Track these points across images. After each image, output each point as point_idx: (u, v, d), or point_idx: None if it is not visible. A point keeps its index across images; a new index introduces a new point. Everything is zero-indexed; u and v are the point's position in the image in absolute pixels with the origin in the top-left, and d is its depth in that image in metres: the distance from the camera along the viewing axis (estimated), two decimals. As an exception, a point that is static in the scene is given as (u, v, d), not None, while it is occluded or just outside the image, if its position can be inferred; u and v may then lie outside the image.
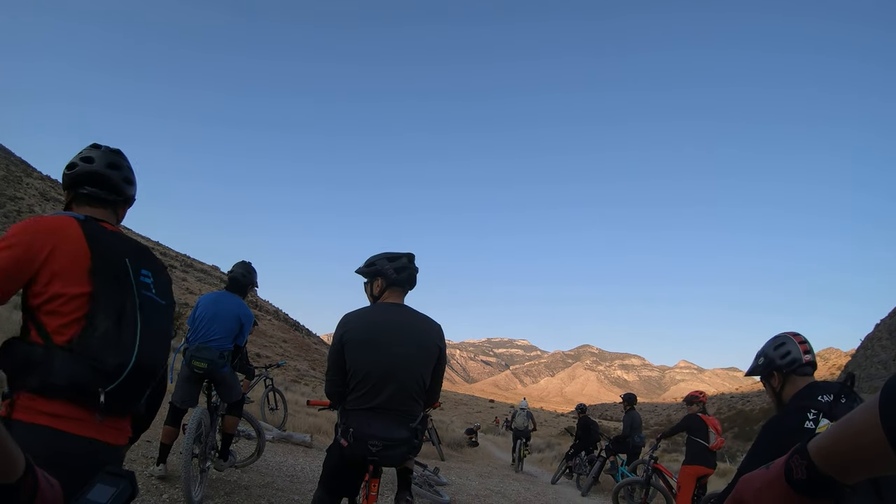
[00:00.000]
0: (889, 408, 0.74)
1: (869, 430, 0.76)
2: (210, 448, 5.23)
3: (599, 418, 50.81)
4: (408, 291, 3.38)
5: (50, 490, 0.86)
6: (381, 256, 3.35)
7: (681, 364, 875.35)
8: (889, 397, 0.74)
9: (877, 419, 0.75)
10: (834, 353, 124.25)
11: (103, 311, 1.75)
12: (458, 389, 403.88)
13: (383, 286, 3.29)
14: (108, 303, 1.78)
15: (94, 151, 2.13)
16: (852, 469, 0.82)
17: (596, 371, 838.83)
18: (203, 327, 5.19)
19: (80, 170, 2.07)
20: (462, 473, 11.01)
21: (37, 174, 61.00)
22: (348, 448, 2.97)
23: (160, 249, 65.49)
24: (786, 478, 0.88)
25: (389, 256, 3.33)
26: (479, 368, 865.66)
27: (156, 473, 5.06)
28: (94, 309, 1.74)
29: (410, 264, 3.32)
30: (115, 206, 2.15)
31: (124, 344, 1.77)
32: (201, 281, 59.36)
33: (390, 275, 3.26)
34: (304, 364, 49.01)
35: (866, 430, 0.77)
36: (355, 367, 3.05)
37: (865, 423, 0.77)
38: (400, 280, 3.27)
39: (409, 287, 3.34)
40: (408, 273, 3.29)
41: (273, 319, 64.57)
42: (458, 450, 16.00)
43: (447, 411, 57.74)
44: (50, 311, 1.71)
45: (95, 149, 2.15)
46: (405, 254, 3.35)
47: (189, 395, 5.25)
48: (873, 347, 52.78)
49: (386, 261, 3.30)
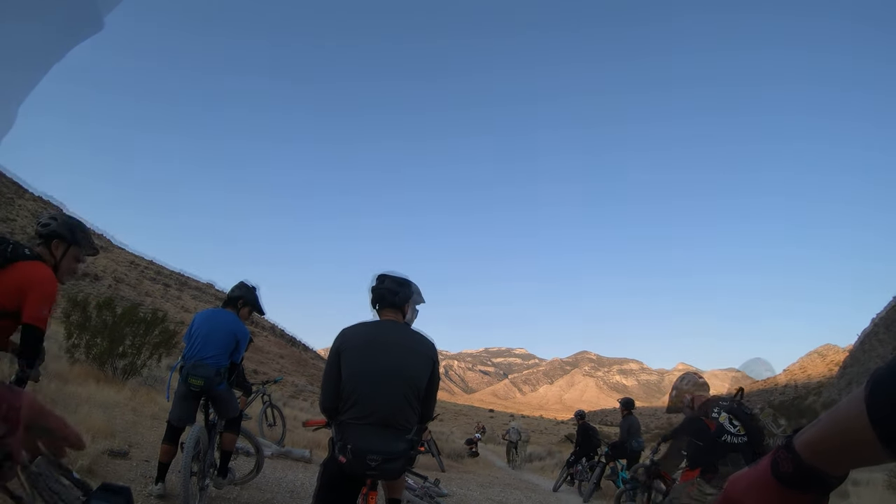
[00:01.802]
0: (875, 399, 0.75)
1: (855, 422, 0.77)
2: (209, 465, 5.20)
3: (599, 424, 50.73)
4: (397, 307, 3.47)
5: (15, 396, 0.86)
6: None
7: (679, 367, 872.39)
8: (875, 389, 0.75)
9: (863, 411, 0.75)
10: (832, 349, 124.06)
11: None
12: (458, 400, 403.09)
13: (375, 306, 3.50)
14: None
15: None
16: (839, 461, 0.82)
17: (594, 377, 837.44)
18: (198, 344, 5.17)
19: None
20: (463, 484, 10.97)
21: (29, 195, 60.74)
22: (347, 464, 2.97)
23: (154, 268, 65.19)
24: (772, 472, 0.88)
25: (377, 278, 3.56)
26: (478, 378, 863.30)
27: (154, 492, 5.00)
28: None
29: (381, 284, 3.47)
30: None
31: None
32: (196, 299, 59.08)
33: (370, 296, 3.49)
34: (302, 379, 48.74)
35: (853, 421, 0.77)
36: (351, 377, 3.09)
37: (852, 415, 0.78)
38: (374, 300, 3.47)
39: (389, 305, 3.45)
40: (378, 293, 3.45)
41: (270, 335, 64.21)
42: (458, 460, 15.97)
43: (447, 422, 57.48)
44: None
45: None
46: (378, 275, 3.55)
47: (186, 413, 5.22)
48: (871, 343, 53.05)
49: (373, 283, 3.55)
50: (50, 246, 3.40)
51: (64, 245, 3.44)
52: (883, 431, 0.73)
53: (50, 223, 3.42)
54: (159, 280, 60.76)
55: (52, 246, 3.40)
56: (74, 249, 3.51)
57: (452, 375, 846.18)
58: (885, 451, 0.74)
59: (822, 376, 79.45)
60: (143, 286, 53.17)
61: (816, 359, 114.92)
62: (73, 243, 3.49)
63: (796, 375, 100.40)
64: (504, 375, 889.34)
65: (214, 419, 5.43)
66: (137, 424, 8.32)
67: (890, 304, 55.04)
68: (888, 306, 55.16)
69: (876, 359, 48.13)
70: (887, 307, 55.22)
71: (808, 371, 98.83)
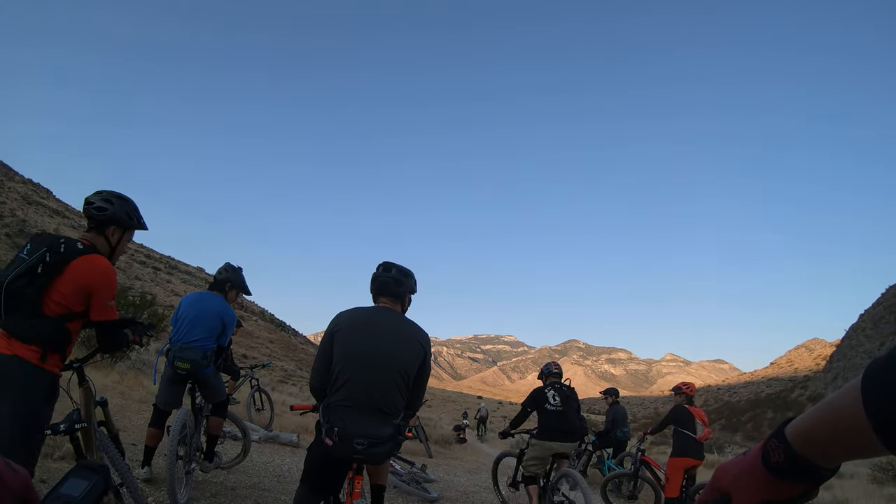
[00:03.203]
0: (871, 391, 0.73)
1: (850, 414, 0.75)
2: (195, 449, 5.19)
3: (587, 412, 51.06)
4: (399, 299, 3.51)
5: (14, 476, 0.85)
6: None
7: (667, 357, 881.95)
8: (871, 381, 0.73)
9: (859, 403, 0.74)
10: (819, 343, 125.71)
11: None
12: (446, 386, 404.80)
13: (375, 293, 3.52)
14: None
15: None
16: (832, 452, 0.81)
17: (583, 366, 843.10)
18: (185, 328, 5.15)
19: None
20: (450, 470, 11.04)
21: (19, 178, 60.23)
22: (333, 447, 2.97)
23: (144, 252, 64.91)
24: (763, 462, 0.87)
25: (382, 266, 3.57)
26: (467, 365, 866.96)
27: (140, 476, 4.97)
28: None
29: (387, 273, 3.49)
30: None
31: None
32: (186, 283, 58.93)
33: (373, 283, 3.51)
34: (291, 364, 48.81)
35: (847, 413, 0.76)
36: (341, 359, 3.11)
37: (846, 407, 0.76)
38: (376, 288, 3.49)
39: (388, 295, 3.47)
40: (382, 281, 3.47)
41: (259, 320, 64.25)
42: (445, 446, 16.01)
43: (435, 408, 57.83)
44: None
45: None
46: (384, 263, 3.57)
47: (173, 397, 5.20)
48: (858, 338, 53.50)
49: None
50: (105, 232, 3.19)
51: (120, 231, 3.25)
52: (877, 420, 0.71)
53: (107, 208, 3.17)
54: (149, 264, 60.52)
55: (109, 232, 3.20)
56: (129, 233, 3.34)
57: (441, 362, 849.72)
58: (878, 441, 0.72)
59: (808, 370, 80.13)
60: (132, 270, 52.96)
61: (804, 352, 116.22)
62: (128, 227, 3.31)
63: (783, 368, 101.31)
64: (493, 362, 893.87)
65: (201, 403, 5.42)
66: (125, 408, 8.30)
67: (878, 299, 55.53)
68: (876, 301, 55.65)
69: (863, 354, 48.58)
70: (875, 302, 55.71)
71: (795, 364, 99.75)
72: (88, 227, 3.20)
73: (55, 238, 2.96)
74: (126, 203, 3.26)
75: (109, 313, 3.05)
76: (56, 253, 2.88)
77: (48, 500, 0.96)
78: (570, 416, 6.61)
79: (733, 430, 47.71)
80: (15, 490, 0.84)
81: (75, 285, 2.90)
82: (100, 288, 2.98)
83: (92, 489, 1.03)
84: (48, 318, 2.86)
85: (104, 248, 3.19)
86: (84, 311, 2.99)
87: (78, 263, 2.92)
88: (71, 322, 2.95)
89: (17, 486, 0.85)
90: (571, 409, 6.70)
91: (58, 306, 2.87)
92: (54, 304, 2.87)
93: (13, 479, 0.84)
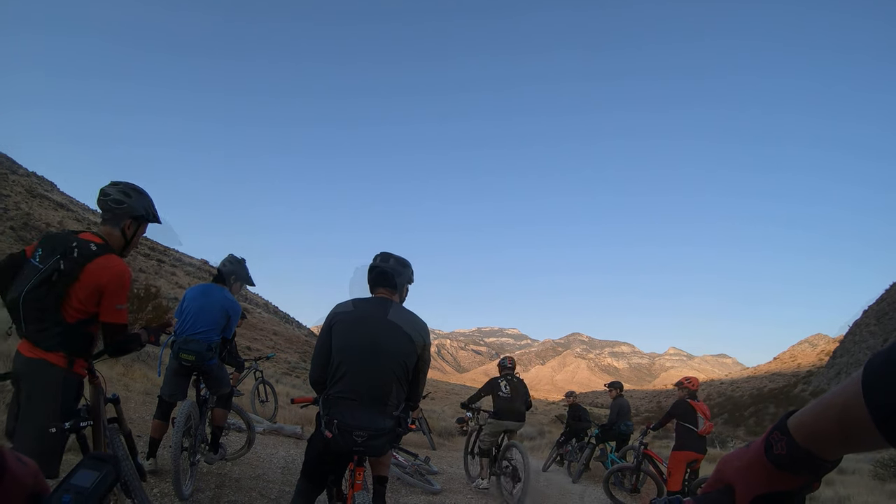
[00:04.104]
0: (872, 385, 0.74)
1: (852, 407, 0.76)
2: (200, 441, 5.22)
3: (590, 405, 51.09)
4: (396, 289, 3.49)
5: (24, 469, 0.86)
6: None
7: (670, 351, 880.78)
8: (872, 375, 0.75)
9: (860, 397, 0.75)
10: (822, 338, 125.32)
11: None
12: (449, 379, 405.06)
13: (372, 283, 3.50)
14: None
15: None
16: (833, 445, 0.82)
17: (586, 359, 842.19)
18: (190, 320, 5.18)
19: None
20: (453, 462, 11.05)
21: (22, 170, 60.30)
22: (333, 439, 2.97)
23: (148, 244, 64.97)
24: (766, 454, 0.88)
25: (380, 256, 3.55)
26: (470, 358, 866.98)
27: (146, 467, 5.01)
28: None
29: (384, 263, 3.48)
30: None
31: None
32: (190, 275, 58.98)
33: (370, 273, 3.49)
34: (295, 356, 48.85)
35: (849, 406, 0.77)
36: (340, 351, 3.10)
37: (848, 400, 0.77)
38: (374, 278, 3.47)
39: (385, 286, 3.45)
40: (374, 274, 3.47)
41: (263, 312, 64.36)
42: (449, 439, 16.05)
43: (438, 401, 57.82)
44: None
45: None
46: (381, 253, 3.54)
47: (177, 389, 5.23)
48: (861, 333, 53.43)
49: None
50: (122, 225, 3.12)
51: (136, 224, 3.19)
52: (878, 414, 0.73)
53: (125, 201, 3.10)
54: (153, 256, 60.56)
55: (125, 226, 3.13)
56: (144, 227, 3.28)
57: (445, 354, 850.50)
58: (879, 433, 0.74)
59: (811, 365, 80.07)
60: (136, 262, 53.01)
61: (807, 348, 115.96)
62: (145, 220, 3.25)
63: (786, 364, 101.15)
64: (496, 355, 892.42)
65: (206, 395, 5.44)
66: (129, 400, 8.34)
67: (882, 295, 55.39)
68: (880, 297, 55.50)
69: (866, 349, 48.51)
70: (879, 298, 55.56)
71: (799, 360, 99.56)
72: (103, 220, 3.13)
73: (67, 241, 2.88)
74: (143, 197, 3.19)
75: (118, 316, 2.97)
76: (70, 259, 2.82)
77: (59, 492, 0.97)
78: (517, 402, 8.26)
79: (736, 424, 47.81)
80: (26, 483, 0.85)
81: (90, 288, 2.86)
82: (112, 290, 2.91)
83: (102, 480, 1.04)
84: (69, 325, 2.84)
85: (118, 241, 3.14)
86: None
87: (93, 266, 2.86)
88: (92, 325, 2.94)
89: (28, 478, 0.86)
90: (519, 396, 8.35)
91: (77, 311, 2.86)
92: (73, 310, 2.85)
93: (24, 472, 0.85)
